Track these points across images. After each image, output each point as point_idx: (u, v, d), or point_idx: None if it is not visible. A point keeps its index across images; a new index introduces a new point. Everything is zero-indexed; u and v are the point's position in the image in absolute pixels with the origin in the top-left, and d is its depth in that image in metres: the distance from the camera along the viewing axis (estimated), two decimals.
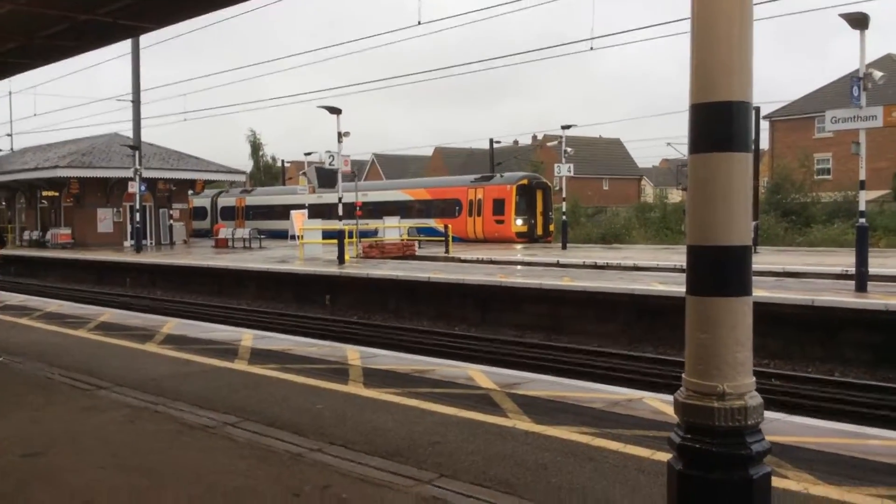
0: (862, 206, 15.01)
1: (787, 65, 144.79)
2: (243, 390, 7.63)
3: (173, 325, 12.39)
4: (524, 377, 8.42)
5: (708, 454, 2.97)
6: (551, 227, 37.31)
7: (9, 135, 49.54)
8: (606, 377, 11.14)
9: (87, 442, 5.88)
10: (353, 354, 9.57)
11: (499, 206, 36.36)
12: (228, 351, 9.79)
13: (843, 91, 17.34)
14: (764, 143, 47.04)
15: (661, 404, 6.86)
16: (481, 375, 8.27)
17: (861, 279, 14.71)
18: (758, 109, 29.22)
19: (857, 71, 14.13)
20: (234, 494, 4.69)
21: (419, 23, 22.64)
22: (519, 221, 36.20)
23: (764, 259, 22.52)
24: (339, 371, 8.47)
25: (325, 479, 4.95)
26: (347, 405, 6.99)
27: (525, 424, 6.24)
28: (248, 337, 11.11)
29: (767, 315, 13.55)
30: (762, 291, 14.62)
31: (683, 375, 3.07)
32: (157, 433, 6.10)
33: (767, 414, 6.12)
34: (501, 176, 38.80)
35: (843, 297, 14.00)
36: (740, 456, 2.96)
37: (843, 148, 32.83)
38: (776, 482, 4.54)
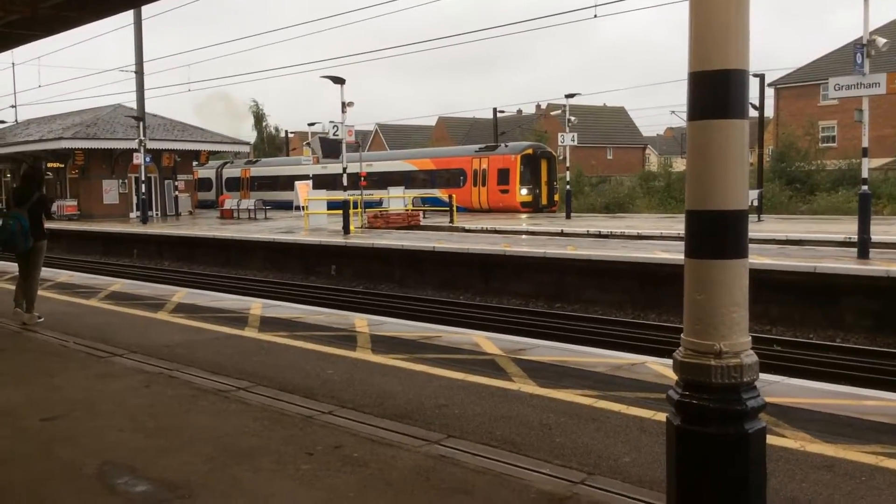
0: (864, 174, 15.05)
1: (789, 33, 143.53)
2: (255, 356, 7.81)
3: (183, 295, 12.56)
4: (529, 343, 8.57)
5: (705, 409, 3.11)
6: (556, 197, 37.34)
7: (13, 106, 49.61)
8: (610, 343, 11.29)
9: (105, 406, 6.05)
10: (361, 322, 9.73)
11: (503, 175, 36.37)
12: (238, 319, 9.96)
13: (847, 58, 17.32)
14: (768, 111, 46.78)
15: (663, 368, 7.00)
16: (487, 341, 8.42)
17: (863, 246, 14.80)
18: (762, 77, 29.07)
19: (861, 38, 14.11)
20: (250, 453, 4.86)
21: None
22: (523, 191, 36.22)
23: (767, 227, 22.60)
24: (348, 338, 8.63)
25: (336, 439, 5.11)
26: (356, 370, 7.16)
27: (530, 388, 6.40)
28: (256, 306, 11.27)
29: (770, 282, 13.69)
30: (765, 259, 14.73)
31: (682, 335, 3.21)
32: (173, 397, 6.28)
33: (766, 376, 6.32)
34: (506, 146, 38.74)
35: (845, 263, 14.11)
36: (736, 411, 3.09)
37: (847, 115, 32.72)
38: (774, 441, 4.71)
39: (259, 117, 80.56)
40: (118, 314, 10.67)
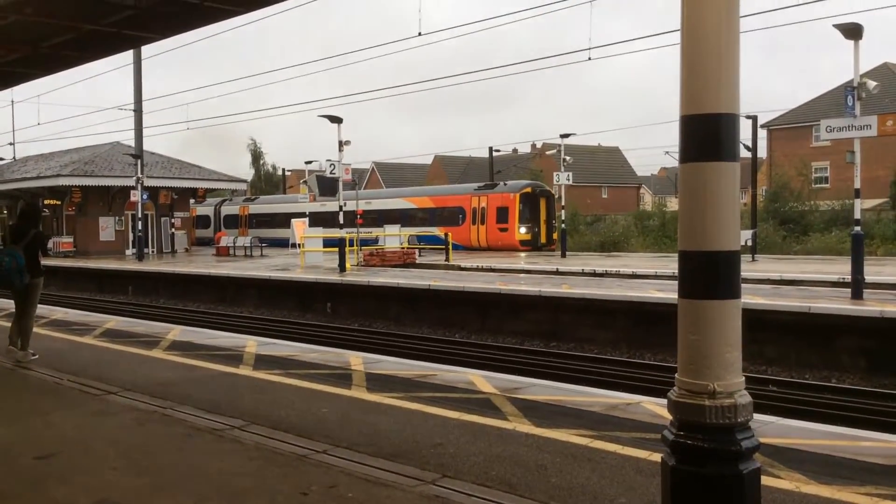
0: (857, 215, 15.17)
1: (782, 75, 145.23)
2: (249, 395, 7.78)
3: (178, 332, 12.53)
4: (524, 382, 8.56)
5: (700, 450, 3.11)
6: (555, 236, 37.38)
7: (11, 143, 49.73)
8: (606, 383, 11.28)
9: (99, 445, 6.02)
10: (356, 360, 9.71)
11: (502, 214, 36.53)
12: (233, 357, 9.94)
13: (839, 101, 17.56)
14: (762, 152, 47.29)
15: (658, 408, 6.99)
16: (482, 380, 8.41)
17: (857, 286, 14.86)
18: (755, 118, 29.39)
19: (852, 81, 14.32)
20: (244, 494, 4.83)
21: (419, 34, 22.84)
22: (522, 229, 36.35)
23: (762, 267, 22.67)
24: (343, 376, 8.61)
25: (330, 479, 5.09)
26: (351, 409, 7.13)
27: (525, 427, 6.38)
28: (251, 343, 11.25)
29: (765, 322, 13.72)
30: (760, 299, 14.77)
31: (676, 375, 3.22)
32: (167, 436, 6.25)
33: (761, 417, 6.32)
34: (505, 184, 38.96)
35: (839, 304, 14.15)
36: (731, 452, 3.10)
37: (840, 156, 32.92)
38: (769, 482, 4.70)
39: (257, 155, 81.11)
40: (113, 352, 10.64)
